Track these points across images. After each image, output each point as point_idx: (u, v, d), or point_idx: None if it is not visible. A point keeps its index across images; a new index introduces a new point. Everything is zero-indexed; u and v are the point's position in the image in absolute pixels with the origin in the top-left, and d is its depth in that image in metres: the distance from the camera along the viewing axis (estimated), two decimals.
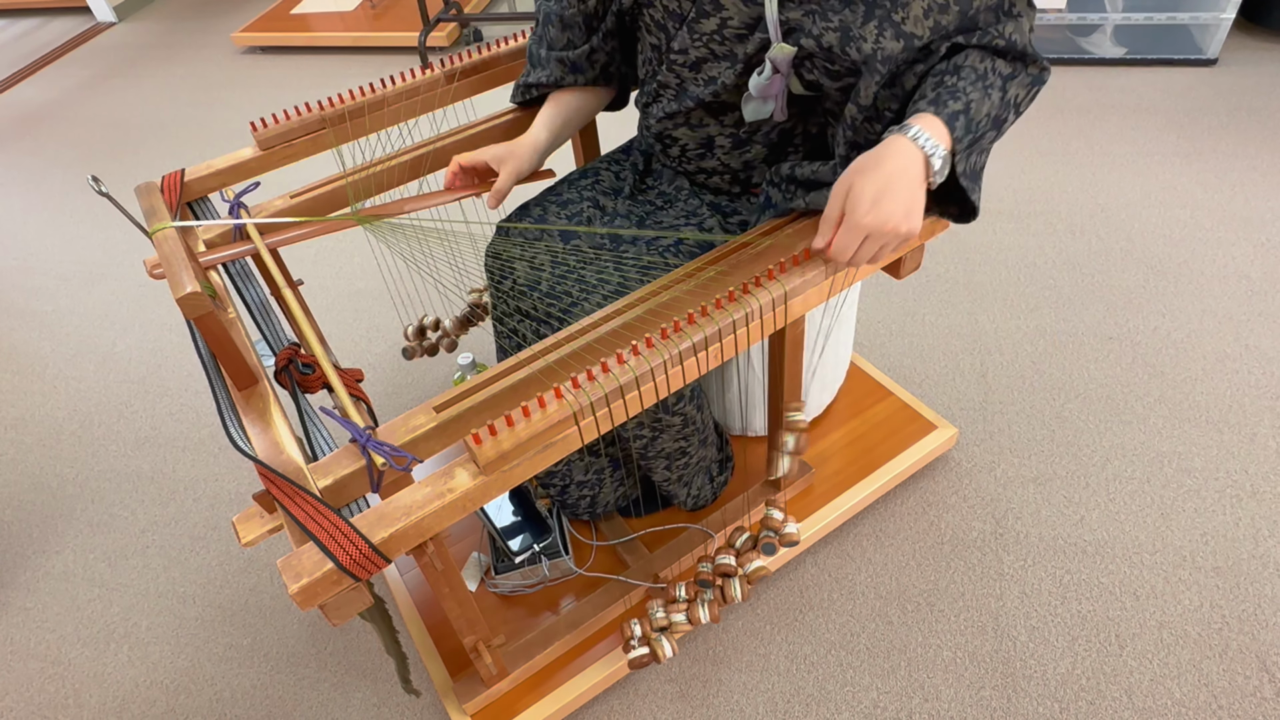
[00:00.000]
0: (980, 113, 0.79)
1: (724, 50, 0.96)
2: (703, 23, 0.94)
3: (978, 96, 0.79)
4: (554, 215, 1.12)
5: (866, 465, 1.36)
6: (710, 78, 0.99)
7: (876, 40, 0.82)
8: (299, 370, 0.86)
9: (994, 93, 0.81)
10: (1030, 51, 0.84)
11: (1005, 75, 0.82)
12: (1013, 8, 0.83)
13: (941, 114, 0.77)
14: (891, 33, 0.81)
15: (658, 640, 1.04)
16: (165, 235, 0.86)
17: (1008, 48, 0.82)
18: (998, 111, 0.82)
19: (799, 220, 0.94)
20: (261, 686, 1.27)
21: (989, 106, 0.80)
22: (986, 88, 0.80)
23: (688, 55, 0.99)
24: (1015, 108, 0.85)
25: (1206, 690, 1.12)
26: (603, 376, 0.76)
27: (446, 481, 0.73)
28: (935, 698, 1.15)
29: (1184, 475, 1.38)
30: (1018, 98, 0.84)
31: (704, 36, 0.95)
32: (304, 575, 0.66)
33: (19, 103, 3.14)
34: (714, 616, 1.04)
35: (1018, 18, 0.84)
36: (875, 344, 1.69)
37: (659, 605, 1.05)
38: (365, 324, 1.91)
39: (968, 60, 0.81)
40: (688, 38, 0.97)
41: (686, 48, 0.98)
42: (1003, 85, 0.82)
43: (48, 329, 2.03)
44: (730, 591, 1.05)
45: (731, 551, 1.06)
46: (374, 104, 1.15)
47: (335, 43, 3.15)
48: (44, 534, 1.54)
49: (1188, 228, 1.87)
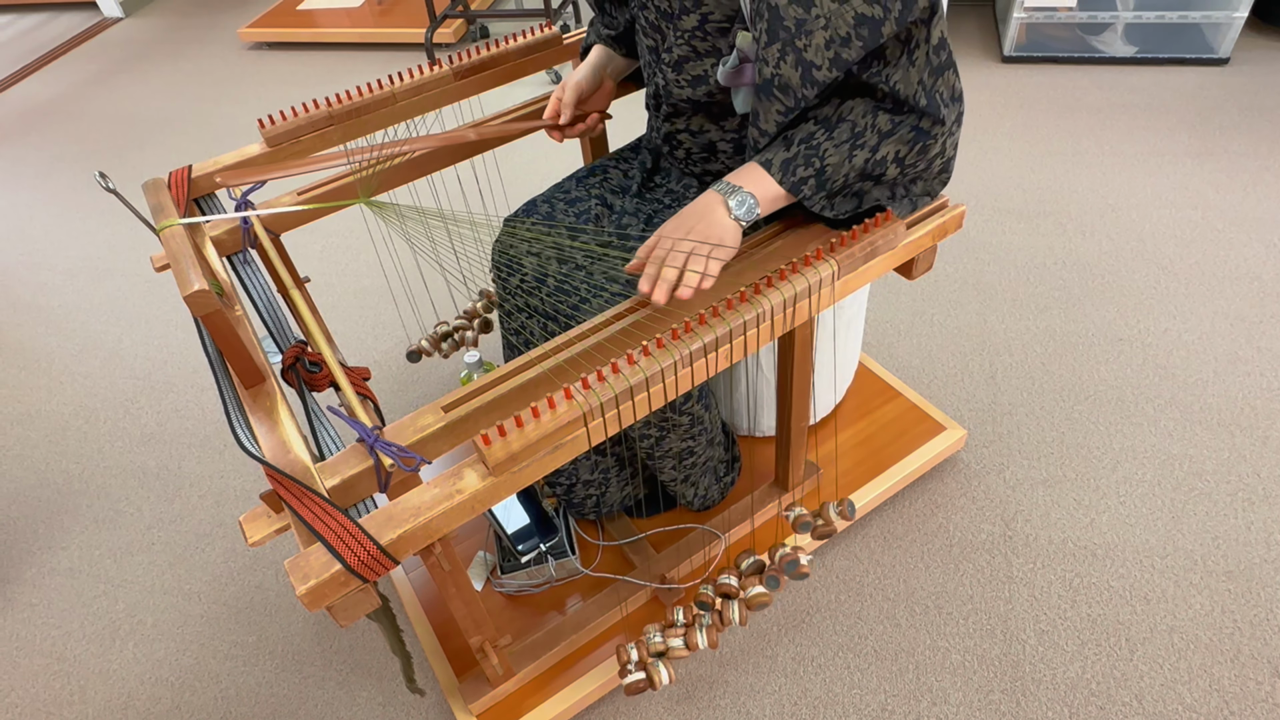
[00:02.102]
0: (839, 173, 0.84)
1: (706, 47, 0.94)
2: (684, 20, 0.93)
3: (837, 161, 0.83)
4: (561, 212, 1.12)
5: (875, 466, 1.35)
6: (696, 77, 0.97)
7: (777, 65, 0.82)
8: (306, 368, 0.86)
9: (862, 152, 0.82)
10: (917, 103, 0.80)
11: (884, 133, 0.82)
12: (914, 51, 0.80)
13: (786, 181, 0.84)
14: (792, 59, 0.81)
15: (655, 666, 1.02)
16: (173, 232, 0.85)
17: (889, 95, 0.81)
18: (870, 169, 0.84)
19: (811, 222, 0.94)
20: (267, 684, 1.27)
21: (850, 168, 0.83)
22: (856, 147, 0.82)
23: (672, 54, 0.97)
24: (898, 161, 0.84)
25: (1218, 695, 1.11)
26: (613, 377, 0.75)
27: (455, 482, 0.72)
28: (944, 701, 1.14)
29: (1195, 478, 1.37)
30: (899, 154, 0.83)
31: (686, 34, 0.94)
32: (312, 576, 0.65)
33: (26, 98, 3.14)
34: (712, 643, 1.02)
35: (909, 65, 0.80)
36: (884, 344, 1.68)
37: (656, 630, 1.04)
38: (370, 322, 1.91)
39: (851, 113, 0.83)
40: (673, 37, 0.96)
41: (671, 46, 0.97)
42: (875, 145, 0.83)
43: (54, 324, 2.03)
44: (729, 615, 1.03)
45: (735, 572, 1.05)
46: (381, 101, 1.14)
47: (341, 39, 3.14)
48: (49, 530, 1.54)
49: (1199, 228, 1.85)
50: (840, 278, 0.85)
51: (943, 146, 0.85)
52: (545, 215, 1.12)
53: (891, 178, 0.87)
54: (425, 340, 1.49)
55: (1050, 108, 2.31)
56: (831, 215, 0.88)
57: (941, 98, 0.81)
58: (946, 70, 0.81)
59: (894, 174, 0.86)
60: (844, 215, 0.89)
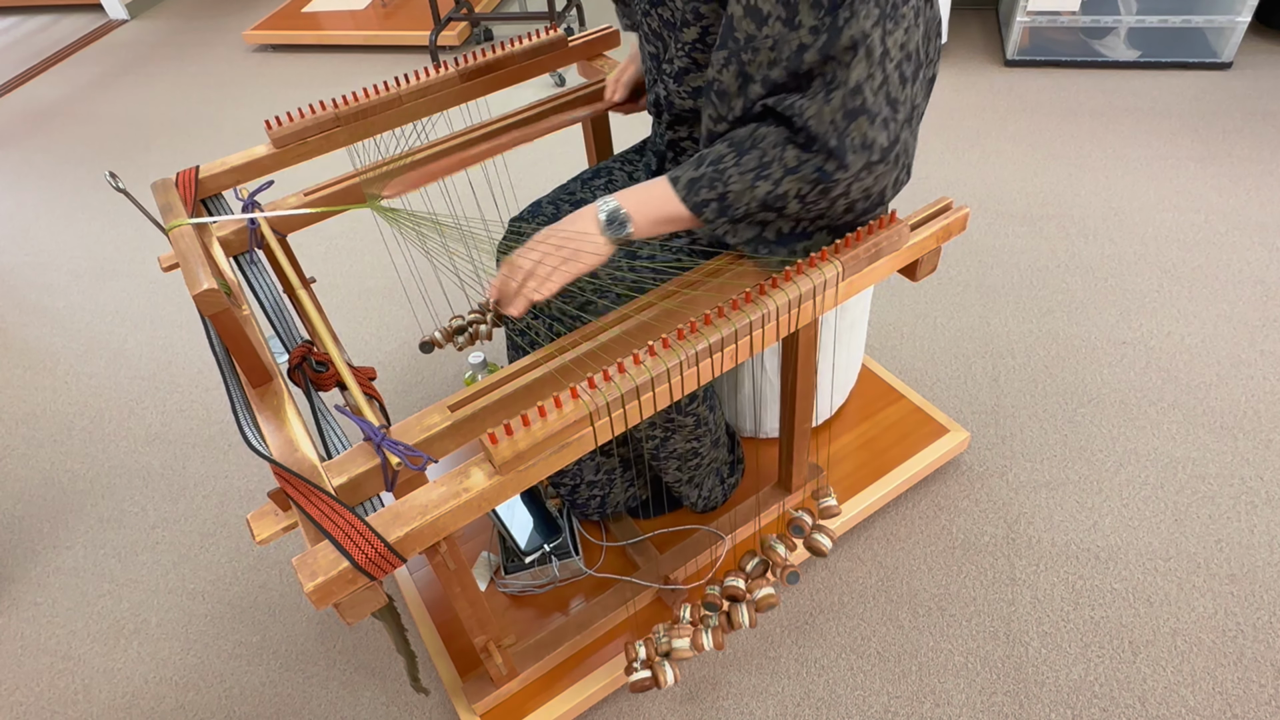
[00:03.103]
0: (741, 201, 0.83)
1: (707, 59, 0.94)
2: (685, 31, 0.93)
3: (739, 189, 0.83)
4: (566, 214, 1.12)
5: (878, 468, 1.35)
6: (697, 88, 0.97)
7: (720, 70, 0.84)
8: (312, 368, 0.86)
9: (765, 184, 0.82)
10: (827, 142, 0.79)
11: (789, 168, 0.81)
12: (832, 90, 0.78)
13: (689, 200, 0.84)
14: (734, 69, 0.83)
15: (660, 665, 1.03)
16: (182, 232, 0.86)
17: (803, 129, 0.80)
18: (771, 202, 0.84)
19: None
20: (270, 684, 1.27)
21: (752, 198, 0.83)
22: (761, 177, 0.82)
23: (673, 65, 0.97)
24: (799, 198, 0.83)
25: (1221, 698, 1.12)
26: (619, 377, 0.75)
27: (462, 481, 0.72)
28: (947, 703, 1.15)
29: (1198, 481, 1.37)
30: (800, 191, 0.83)
31: (687, 45, 0.94)
32: (319, 573, 0.66)
33: (31, 100, 3.15)
34: (718, 644, 1.03)
35: (824, 102, 0.78)
36: (887, 346, 1.68)
37: (664, 629, 1.04)
38: (375, 322, 1.91)
39: (764, 141, 0.82)
40: (674, 48, 0.96)
41: (673, 57, 0.97)
42: (779, 179, 0.82)
43: (59, 325, 2.03)
44: (737, 618, 1.03)
45: (741, 575, 1.05)
46: (387, 102, 1.15)
47: (346, 41, 3.15)
48: (54, 529, 1.54)
49: (1202, 232, 1.85)
50: (845, 279, 0.85)
51: (846, 189, 0.83)
52: (550, 216, 1.12)
53: (793, 212, 0.86)
54: (439, 332, 1.49)
55: (1053, 111, 2.31)
56: (733, 242, 0.87)
57: (851, 143, 0.79)
58: (861, 116, 0.78)
59: (795, 209, 0.85)
60: (744, 244, 0.88)
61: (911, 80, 0.82)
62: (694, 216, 0.85)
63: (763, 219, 0.87)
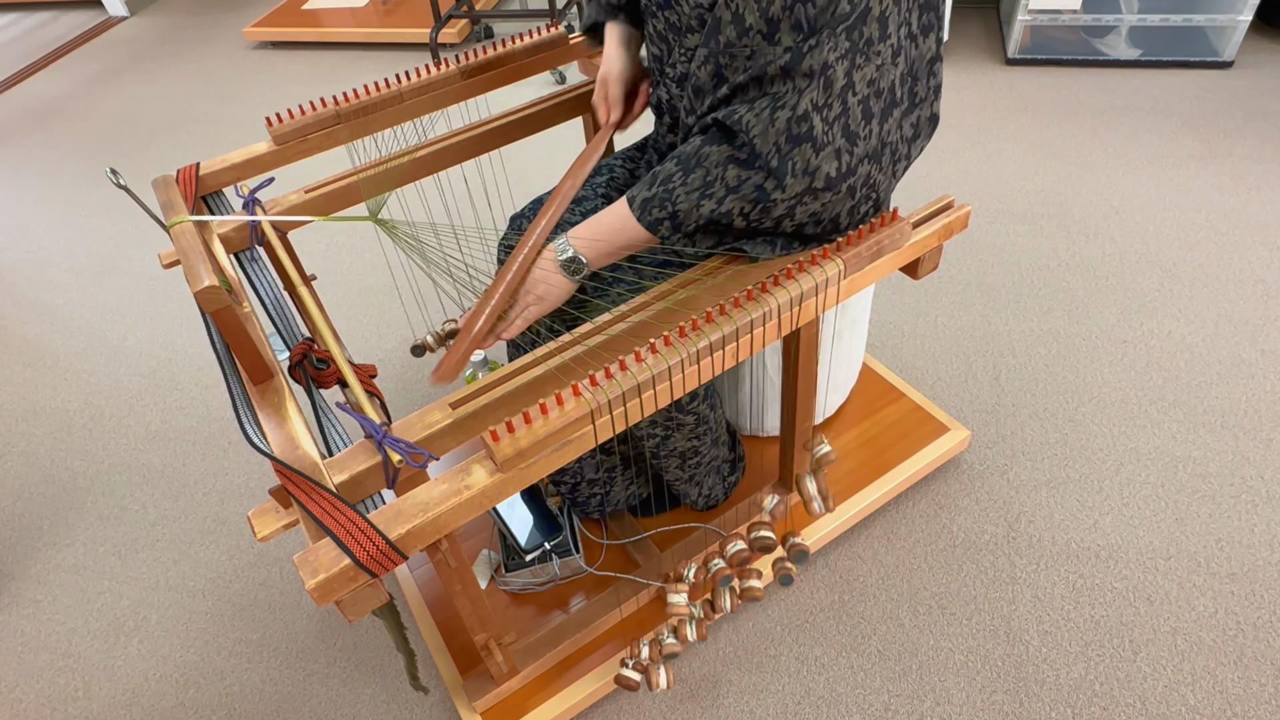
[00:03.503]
0: (690, 219, 0.86)
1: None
2: (689, 37, 0.93)
3: (686, 208, 0.85)
4: (568, 211, 1.12)
5: (878, 467, 1.35)
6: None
7: (700, 66, 0.86)
8: (313, 365, 0.86)
9: (709, 202, 0.84)
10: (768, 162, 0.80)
11: (730, 187, 0.83)
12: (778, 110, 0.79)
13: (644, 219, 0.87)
14: (710, 69, 0.86)
15: (655, 668, 1.04)
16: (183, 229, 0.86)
17: (747, 144, 0.81)
18: (714, 218, 0.86)
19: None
20: (271, 681, 1.27)
21: (699, 214, 0.85)
22: (705, 196, 0.84)
23: (675, 70, 0.98)
24: (743, 215, 0.85)
25: (1221, 697, 1.12)
26: (620, 374, 0.75)
27: (464, 478, 0.72)
28: (947, 701, 1.15)
29: (1199, 480, 1.37)
30: (743, 209, 0.84)
31: (689, 51, 0.94)
32: (321, 571, 0.66)
33: (31, 96, 3.15)
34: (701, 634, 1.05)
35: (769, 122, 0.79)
36: (887, 345, 1.68)
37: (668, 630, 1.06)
38: (375, 320, 1.91)
39: (708, 159, 0.84)
40: (678, 52, 0.96)
41: (675, 62, 0.97)
42: (721, 198, 0.84)
43: (59, 322, 2.03)
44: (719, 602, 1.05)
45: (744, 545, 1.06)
46: (388, 100, 1.14)
47: (346, 38, 3.15)
48: (54, 527, 1.54)
49: (1203, 231, 1.85)
50: (846, 277, 0.85)
51: (788, 210, 0.84)
52: None
53: (739, 228, 0.88)
54: (430, 336, 1.49)
55: (1054, 110, 2.31)
56: (693, 251, 0.90)
57: (793, 166, 0.80)
58: (805, 144, 0.79)
59: (741, 225, 0.87)
60: (706, 250, 0.91)
61: (880, 118, 0.82)
62: (651, 235, 0.89)
63: (717, 230, 0.89)
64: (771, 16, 0.80)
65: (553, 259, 0.91)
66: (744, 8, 0.81)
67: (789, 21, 0.79)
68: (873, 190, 0.86)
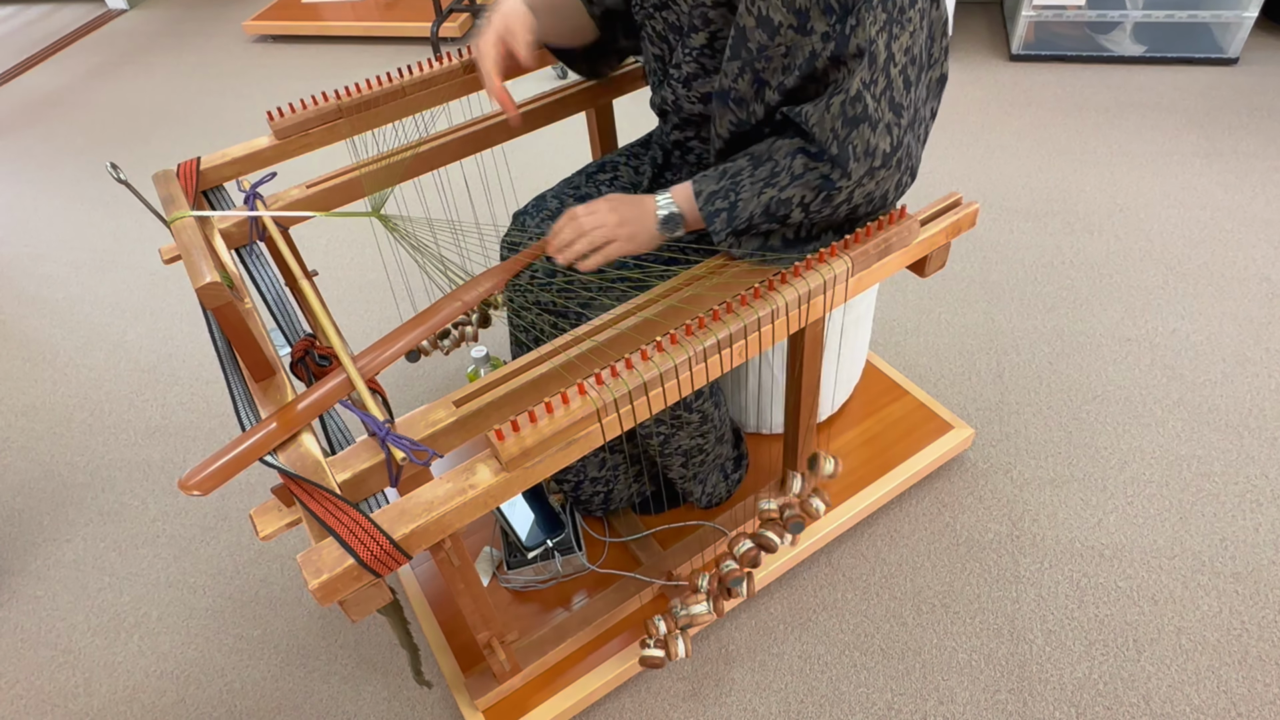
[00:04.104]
0: (744, 213, 0.85)
1: (715, 65, 0.93)
2: (693, 37, 0.92)
3: (747, 197, 0.84)
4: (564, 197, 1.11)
5: (882, 465, 1.35)
6: (707, 94, 0.97)
7: (735, 80, 0.86)
8: (315, 362, 0.85)
9: (771, 190, 0.83)
10: (829, 149, 0.80)
11: (795, 175, 0.83)
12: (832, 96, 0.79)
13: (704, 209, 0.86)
14: (750, 78, 0.85)
15: (674, 637, 1.04)
16: (184, 224, 0.85)
17: (807, 135, 0.81)
18: (774, 209, 0.84)
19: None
20: (272, 678, 1.27)
21: (757, 204, 0.84)
22: (769, 185, 0.84)
23: (681, 71, 0.97)
24: (803, 206, 0.84)
25: (1225, 697, 1.11)
26: (627, 373, 0.75)
27: (468, 477, 0.72)
28: (950, 700, 1.14)
29: (1203, 479, 1.37)
30: (804, 198, 0.83)
31: (694, 51, 0.93)
32: (324, 570, 0.65)
33: (30, 90, 3.13)
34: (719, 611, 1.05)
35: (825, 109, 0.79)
36: (891, 343, 1.67)
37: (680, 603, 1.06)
38: (375, 316, 1.90)
39: (779, 152, 0.84)
40: (681, 53, 0.95)
41: (680, 62, 0.96)
42: (785, 185, 0.83)
43: (58, 317, 2.02)
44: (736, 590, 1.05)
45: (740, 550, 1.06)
46: (391, 94, 1.14)
47: (346, 32, 3.13)
48: (54, 522, 1.54)
49: (1207, 228, 1.85)
50: (854, 274, 0.85)
51: (849, 196, 0.83)
52: (555, 211, 1.11)
53: (796, 220, 0.86)
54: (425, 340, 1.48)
55: (1058, 107, 2.30)
56: (738, 255, 0.89)
57: (854, 150, 0.79)
58: (862, 124, 0.79)
59: (799, 217, 0.85)
60: (750, 256, 0.89)
61: (915, 84, 0.82)
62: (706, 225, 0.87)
63: (766, 229, 0.88)
64: (800, 8, 0.79)
65: (653, 211, 0.89)
66: (768, 7, 0.80)
67: (818, 7, 0.78)
68: (911, 159, 0.85)
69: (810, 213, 0.85)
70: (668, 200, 0.90)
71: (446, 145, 1.16)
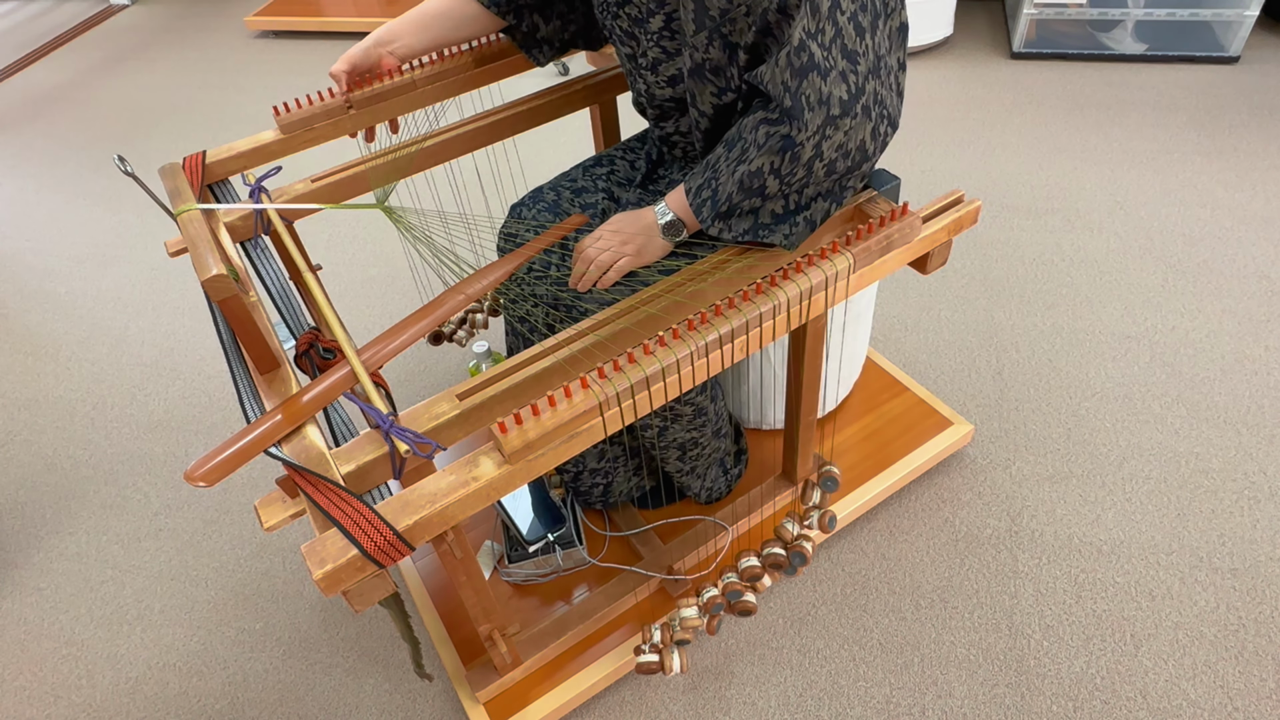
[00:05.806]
0: (724, 191, 0.87)
1: (675, 46, 0.95)
2: (651, 22, 0.94)
3: (724, 179, 0.87)
4: (567, 201, 1.12)
5: (881, 461, 1.35)
6: (672, 76, 0.98)
7: (706, 50, 0.88)
8: (320, 355, 0.86)
9: (742, 166, 0.85)
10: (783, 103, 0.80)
11: (759, 145, 0.83)
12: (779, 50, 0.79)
13: (693, 203, 0.90)
14: (720, 43, 0.87)
15: (670, 651, 1.04)
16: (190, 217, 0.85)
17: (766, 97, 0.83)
18: (748, 183, 0.85)
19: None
20: (274, 671, 1.28)
21: (733, 183, 0.86)
22: (740, 161, 0.85)
23: (647, 58, 0.98)
24: (775, 173, 0.84)
25: (1222, 692, 1.12)
26: (629, 367, 0.75)
27: (471, 470, 0.72)
28: (948, 694, 1.15)
29: (1201, 476, 1.37)
30: (773, 164, 0.83)
31: (654, 35, 0.95)
32: (328, 561, 0.66)
33: (32, 85, 3.14)
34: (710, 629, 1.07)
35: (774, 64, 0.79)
36: (891, 339, 1.68)
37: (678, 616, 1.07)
38: (378, 310, 1.91)
39: (745, 129, 0.85)
40: (645, 41, 0.97)
41: (645, 50, 0.97)
42: (753, 159, 0.84)
43: (61, 311, 2.03)
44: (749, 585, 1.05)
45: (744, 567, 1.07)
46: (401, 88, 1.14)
47: (349, 28, 3.13)
48: (57, 515, 1.54)
49: (1208, 226, 1.85)
50: (856, 271, 0.85)
51: (817, 150, 0.82)
52: (551, 204, 1.12)
53: (774, 190, 0.86)
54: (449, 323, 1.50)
55: (1059, 104, 2.30)
56: (730, 239, 0.90)
57: (807, 100, 0.79)
58: (811, 73, 0.78)
59: (775, 187, 0.85)
60: (741, 238, 0.90)
61: (870, 31, 0.82)
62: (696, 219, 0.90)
63: (751, 207, 0.88)
64: None
65: (654, 223, 0.94)
66: None
67: None
68: (884, 107, 0.84)
69: (783, 178, 0.84)
70: (664, 209, 0.94)
71: (450, 140, 1.17)
